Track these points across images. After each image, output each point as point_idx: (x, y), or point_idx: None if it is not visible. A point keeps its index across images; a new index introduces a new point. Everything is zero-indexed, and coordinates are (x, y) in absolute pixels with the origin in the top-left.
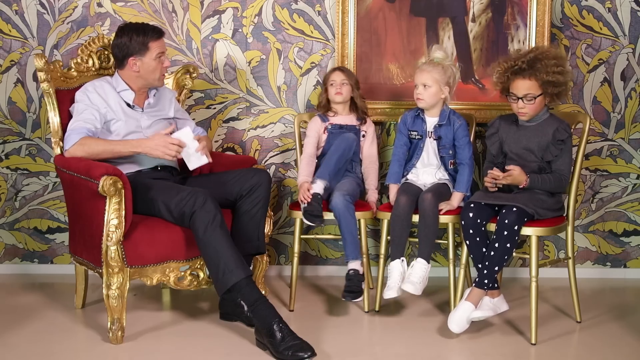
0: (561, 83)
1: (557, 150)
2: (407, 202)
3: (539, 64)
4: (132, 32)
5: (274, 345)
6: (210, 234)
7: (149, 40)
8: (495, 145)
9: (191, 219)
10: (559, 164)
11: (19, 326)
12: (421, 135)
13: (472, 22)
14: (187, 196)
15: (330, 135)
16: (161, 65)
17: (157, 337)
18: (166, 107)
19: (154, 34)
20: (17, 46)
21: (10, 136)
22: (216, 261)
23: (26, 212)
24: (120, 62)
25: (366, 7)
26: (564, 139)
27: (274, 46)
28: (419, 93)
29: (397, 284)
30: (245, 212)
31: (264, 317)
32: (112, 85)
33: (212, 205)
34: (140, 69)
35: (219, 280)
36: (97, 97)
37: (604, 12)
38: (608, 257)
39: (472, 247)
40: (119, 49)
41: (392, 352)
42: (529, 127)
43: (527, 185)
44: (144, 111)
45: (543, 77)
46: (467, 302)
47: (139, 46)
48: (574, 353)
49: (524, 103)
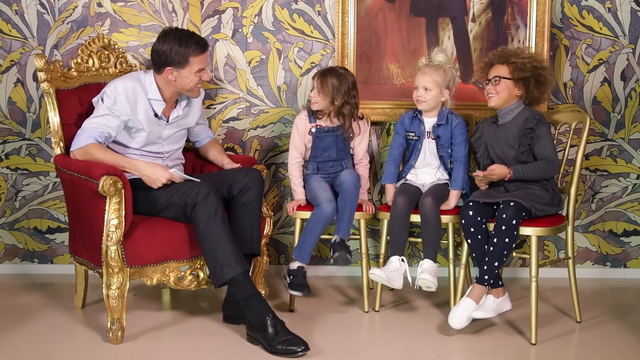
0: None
1: (527, 139)
2: (405, 202)
3: (514, 57)
4: (174, 42)
5: (267, 340)
6: (212, 226)
7: (191, 54)
8: (482, 148)
9: (193, 210)
10: (538, 149)
11: (19, 326)
12: (418, 136)
13: (472, 22)
14: (190, 188)
15: (315, 139)
16: (199, 79)
17: (157, 337)
18: (190, 118)
19: (197, 48)
20: (17, 46)
21: (10, 136)
22: (215, 254)
23: (26, 212)
24: (157, 67)
25: (366, 7)
26: (532, 127)
27: (274, 46)
28: (419, 95)
29: (398, 274)
30: (238, 213)
31: (257, 311)
32: (143, 89)
33: (214, 199)
34: (176, 80)
35: (216, 273)
36: (125, 104)
37: (604, 12)
38: (608, 257)
39: (473, 245)
40: (158, 55)
41: (392, 351)
42: (506, 124)
43: (513, 176)
44: (169, 122)
45: (516, 66)
46: (469, 299)
47: (179, 58)
48: (574, 353)
49: (491, 85)
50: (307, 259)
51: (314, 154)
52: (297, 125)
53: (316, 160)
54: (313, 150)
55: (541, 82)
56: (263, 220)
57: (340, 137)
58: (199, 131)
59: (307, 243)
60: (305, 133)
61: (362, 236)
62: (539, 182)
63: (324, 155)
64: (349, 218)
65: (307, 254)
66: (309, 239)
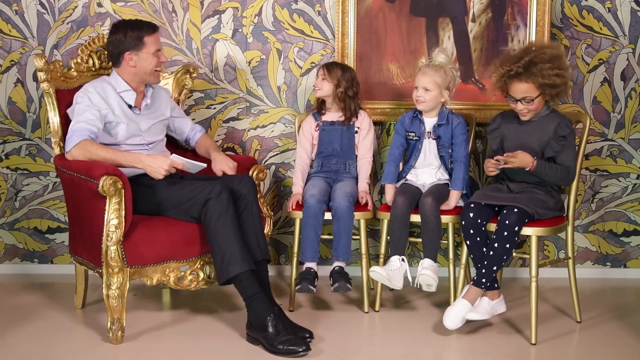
0: (558, 84)
1: (558, 146)
2: (404, 202)
3: (534, 68)
4: (126, 28)
5: (268, 340)
6: (223, 222)
7: (144, 35)
8: (497, 141)
9: (204, 206)
10: (563, 158)
11: (19, 326)
12: (418, 136)
13: (472, 22)
14: (202, 185)
15: (322, 132)
16: (157, 60)
17: (157, 337)
18: (162, 107)
19: (149, 28)
20: (17, 46)
21: (10, 136)
22: (223, 250)
23: (26, 212)
24: (116, 59)
25: (366, 7)
26: (565, 135)
27: (274, 46)
28: (419, 96)
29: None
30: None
31: (258, 310)
32: (112, 86)
33: (226, 196)
34: (136, 64)
35: (222, 269)
36: (98, 98)
37: (604, 12)
38: (608, 257)
39: (473, 247)
40: (114, 45)
41: (392, 351)
42: (530, 123)
43: (534, 168)
44: (142, 113)
45: (539, 80)
46: (464, 300)
47: (135, 41)
48: (574, 353)
49: (523, 105)
50: (309, 256)
51: (320, 149)
52: (303, 128)
53: (321, 155)
54: (319, 145)
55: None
56: (263, 220)
57: (346, 132)
58: (182, 126)
59: (304, 241)
60: (311, 131)
61: (362, 236)
62: (545, 186)
63: (329, 149)
64: (346, 242)
65: (308, 251)
66: (304, 237)
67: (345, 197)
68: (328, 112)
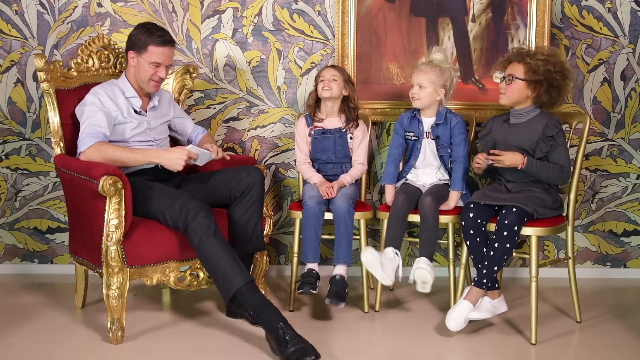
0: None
1: (546, 146)
2: (404, 201)
3: (534, 58)
4: (141, 29)
5: (280, 349)
6: (205, 244)
7: (151, 43)
8: (489, 145)
9: (186, 231)
10: (554, 157)
11: (19, 326)
12: (417, 136)
13: (472, 22)
14: (179, 208)
15: (314, 141)
16: (153, 71)
17: (157, 337)
18: (165, 108)
19: (158, 39)
20: (17, 46)
21: (10, 136)
22: (215, 270)
23: (26, 212)
24: (125, 54)
25: (366, 7)
26: (553, 135)
27: (274, 46)
28: (414, 93)
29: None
30: (240, 214)
31: (269, 322)
32: (120, 89)
33: (203, 217)
34: (135, 66)
35: (222, 289)
36: (108, 100)
37: (604, 12)
38: (608, 257)
39: (473, 247)
40: (127, 40)
41: (392, 352)
42: (519, 125)
43: (525, 166)
44: (148, 114)
45: (532, 68)
46: (466, 301)
47: (140, 44)
48: (574, 353)
49: (504, 84)
50: (310, 258)
51: (314, 156)
52: (297, 129)
53: (317, 162)
54: (313, 153)
55: (554, 87)
56: (263, 220)
57: (339, 140)
58: (185, 127)
59: (304, 243)
60: (306, 135)
61: (362, 236)
62: (542, 184)
63: (323, 157)
64: (347, 245)
65: (309, 253)
66: (304, 238)
67: (345, 199)
68: (324, 117)
